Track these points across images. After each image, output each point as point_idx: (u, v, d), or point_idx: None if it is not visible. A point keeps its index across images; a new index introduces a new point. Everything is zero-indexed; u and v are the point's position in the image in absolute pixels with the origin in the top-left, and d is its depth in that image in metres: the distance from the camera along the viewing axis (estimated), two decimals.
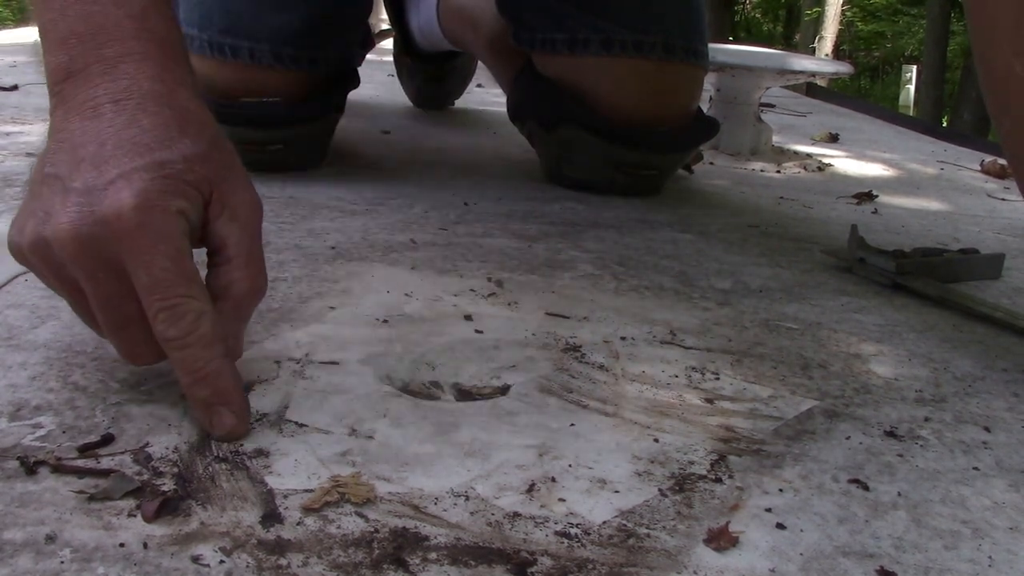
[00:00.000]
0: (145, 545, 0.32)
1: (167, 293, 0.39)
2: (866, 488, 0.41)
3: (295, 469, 0.38)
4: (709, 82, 1.14)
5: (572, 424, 0.44)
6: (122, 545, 0.32)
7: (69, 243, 0.39)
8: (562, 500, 0.37)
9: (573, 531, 0.35)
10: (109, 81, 0.42)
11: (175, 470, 0.37)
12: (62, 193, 0.40)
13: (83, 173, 0.40)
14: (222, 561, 0.32)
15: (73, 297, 0.42)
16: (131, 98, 0.42)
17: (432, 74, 1.36)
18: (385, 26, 1.53)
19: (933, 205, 1.09)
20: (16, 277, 0.57)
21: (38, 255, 0.41)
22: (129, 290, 0.40)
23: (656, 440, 0.43)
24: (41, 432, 0.39)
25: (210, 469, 0.38)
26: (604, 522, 0.36)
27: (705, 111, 1.02)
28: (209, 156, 0.43)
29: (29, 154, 0.91)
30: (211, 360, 0.40)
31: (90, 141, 0.41)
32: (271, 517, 0.35)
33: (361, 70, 0.98)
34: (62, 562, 0.31)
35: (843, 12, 10.26)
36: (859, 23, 12.00)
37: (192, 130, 0.43)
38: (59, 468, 0.37)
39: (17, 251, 0.42)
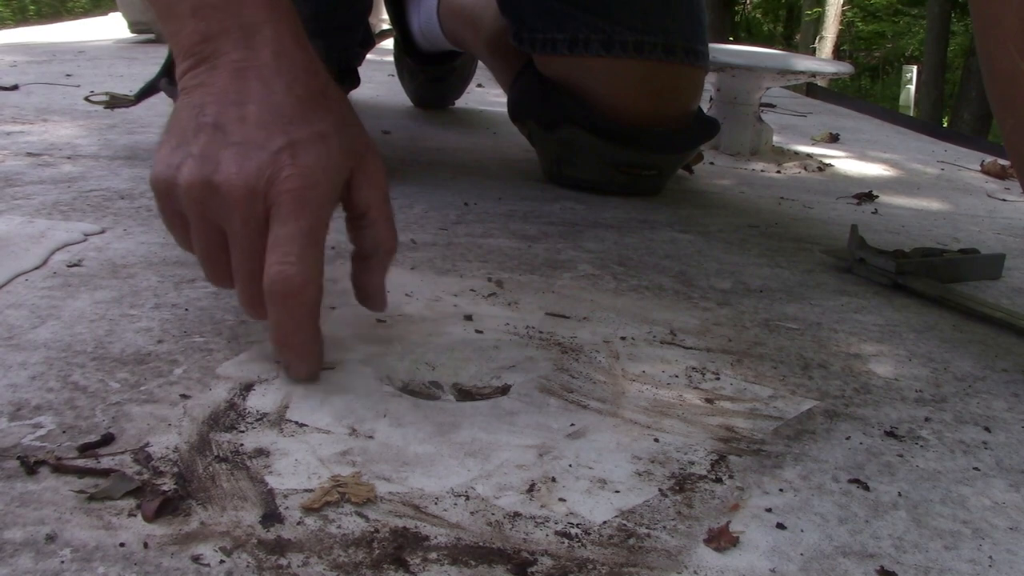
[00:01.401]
0: (145, 545, 0.32)
1: (296, 251, 0.44)
2: (866, 488, 0.41)
3: (295, 469, 0.38)
4: (709, 82, 1.14)
5: (572, 424, 0.44)
6: (122, 545, 0.32)
7: (239, 194, 0.44)
8: (562, 500, 0.37)
9: (573, 531, 0.35)
10: (256, 44, 0.47)
11: (175, 470, 0.37)
12: (228, 146, 0.44)
13: (248, 132, 0.45)
14: (222, 561, 0.32)
15: (205, 236, 0.46)
16: (282, 62, 0.47)
17: (432, 74, 1.36)
18: (385, 26, 1.53)
19: (933, 205, 1.09)
20: (16, 277, 0.57)
21: (193, 196, 0.45)
22: (264, 245, 0.44)
23: (656, 440, 0.43)
24: (41, 432, 0.39)
25: (210, 469, 0.38)
26: (604, 522, 0.36)
27: (705, 111, 1.02)
28: (351, 128, 0.48)
29: (29, 154, 0.91)
30: (305, 321, 0.45)
31: (250, 100, 0.45)
32: (271, 517, 0.35)
33: (361, 70, 0.98)
34: (62, 562, 0.31)
35: (843, 12, 10.25)
36: (859, 23, 12.00)
37: (336, 104, 0.48)
38: (59, 468, 0.37)
39: (167, 185, 0.46)
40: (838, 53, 10.06)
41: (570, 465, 0.40)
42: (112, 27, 2.62)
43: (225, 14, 0.47)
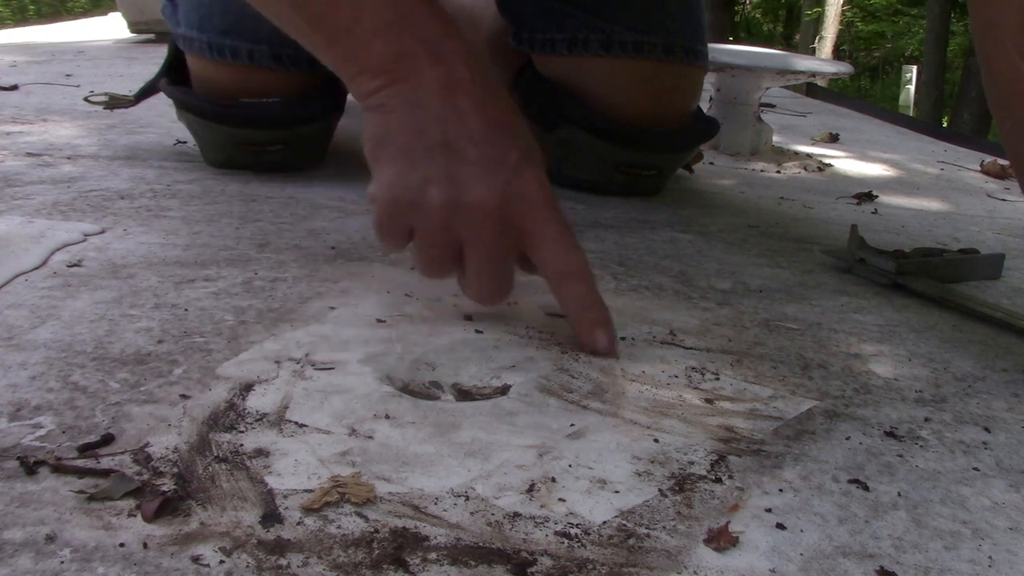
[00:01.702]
0: (145, 545, 0.32)
1: (570, 242, 0.51)
2: (866, 488, 0.41)
3: (295, 469, 0.38)
4: (709, 82, 1.14)
5: (572, 424, 0.44)
6: (122, 545, 0.32)
7: (494, 209, 0.49)
8: (562, 500, 0.37)
9: (573, 531, 0.35)
10: (448, 61, 0.50)
11: (175, 470, 0.37)
12: (465, 164, 0.49)
13: (484, 150, 0.49)
14: (222, 561, 0.32)
15: (443, 250, 0.51)
16: (479, 81, 0.51)
17: None
18: None
19: (933, 205, 1.09)
20: (16, 277, 0.57)
21: (443, 215, 0.49)
22: (515, 247, 0.51)
23: (656, 440, 0.43)
24: (41, 432, 0.39)
25: (210, 469, 0.38)
26: (604, 522, 0.36)
27: (705, 111, 1.02)
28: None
29: (29, 154, 0.91)
30: (595, 291, 0.52)
31: (467, 117, 0.50)
32: (271, 517, 0.35)
33: None
34: (62, 562, 0.31)
35: (843, 12, 10.25)
36: (859, 23, 12.00)
37: (521, 118, 0.53)
38: (59, 468, 0.37)
39: (409, 206, 0.50)
40: (838, 53, 10.06)
41: (570, 465, 0.40)
42: (112, 27, 2.62)
43: (411, 32, 0.50)
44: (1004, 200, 1.16)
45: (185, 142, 1.01)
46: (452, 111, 0.50)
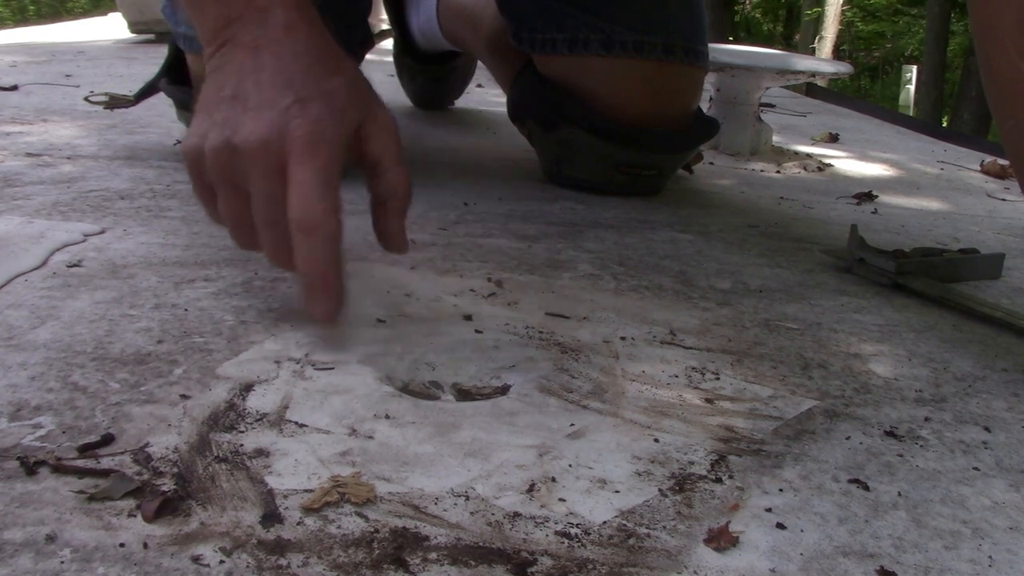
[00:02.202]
0: (145, 545, 0.32)
1: (318, 191, 0.48)
2: (866, 488, 0.41)
3: (295, 469, 0.38)
4: (709, 82, 1.14)
5: (572, 424, 0.44)
6: (122, 545, 0.32)
7: (257, 148, 0.48)
8: (562, 500, 0.37)
9: (573, 531, 0.35)
10: (268, 24, 0.51)
11: (175, 470, 0.37)
12: (244, 111, 0.49)
13: (263, 95, 0.49)
14: (222, 561, 0.32)
15: (230, 199, 0.50)
16: (292, 36, 0.51)
17: (432, 74, 1.36)
18: (385, 26, 1.53)
19: (933, 205, 1.09)
20: (16, 277, 0.57)
21: (217, 158, 0.49)
22: (284, 194, 0.48)
23: (656, 440, 0.43)
24: (41, 432, 0.39)
25: (210, 469, 0.38)
26: (604, 522, 0.36)
27: (705, 111, 1.02)
28: (358, 85, 0.53)
29: (29, 154, 0.91)
30: (329, 248, 0.48)
31: (263, 69, 0.50)
32: (271, 517, 0.35)
33: (361, 70, 0.97)
34: (62, 562, 0.31)
35: (843, 12, 10.25)
36: (859, 23, 12.00)
37: (343, 64, 0.53)
38: (59, 468, 0.37)
39: (195, 154, 0.50)
40: (838, 53, 10.06)
41: (570, 465, 0.40)
42: (112, 27, 2.62)
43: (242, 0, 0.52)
44: (1004, 200, 1.16)
45: None
46: (250, 67, 0.50)
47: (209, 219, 0.54)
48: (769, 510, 0.38)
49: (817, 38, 9.62)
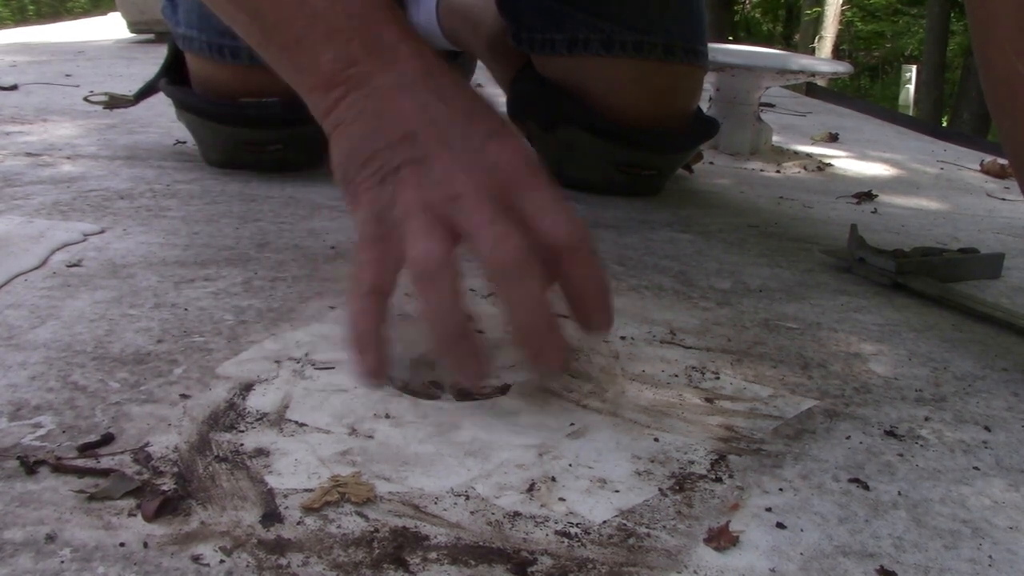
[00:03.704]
0: (145, 545, 0.32)
1: (558, 203, 0.44)
2: (866, 488, 0.41)
3: (295, 469, 0.38)
4: (709, 82, 1.14)
5: (572, 424, 0.44)
6: (122, 545, 0.32)
7: (475, 194, 0.43)
8: (562, 500, 0.37)
9: (573, 530, 0.35)
10: (403, 67, 0.47)
11: (175, 470, 0.37)
12: (434, 159, 0.44)
13: (453, 139, 0.45)
14: (222, 561, 0.32)
15: (444, 243, 0.44)
16: (439, 78, 0.47)
17: None
18: None
19: (933, 205, 1.09)
20: (16, 277, 0.57)
21: (430, 210, 0.44)
22: (520, 219, 0.43)
23: (656, 440, 0.43)
24: (41, 432, 0.39)
25: (210, 469, 0.38)
26: (604, 521, 0.36)
27: (705, 111, 1.02)
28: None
29: (29, 154, 0.91)
30: (599, 268, 0.45)
31: (432, 109, 0.45)
32: (271, 517, 0.35)
33: None
34: (62, 562, 0.31)
35: (843, 12, 10.25)
36: (859, 23, 12.00)
37: (490, 105, 0.49)
38: (59, 468, 0.37)
39: (413, 215, 0.44)
40: (837, 53, 10.06)
41: (570, 465, 0.40)
42: (112, 27, 2.62)
43: (361, 38, 0.47)
44: (1004, 200, 1.16)
45: (185, 142, 1.01)
46: (410, 106, 0.46)
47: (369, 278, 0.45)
48: (769, 510, 0.38)
49: (817, 38, 9.62)
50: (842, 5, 9.88)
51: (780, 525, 0.37)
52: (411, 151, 0.45)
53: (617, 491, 0.38)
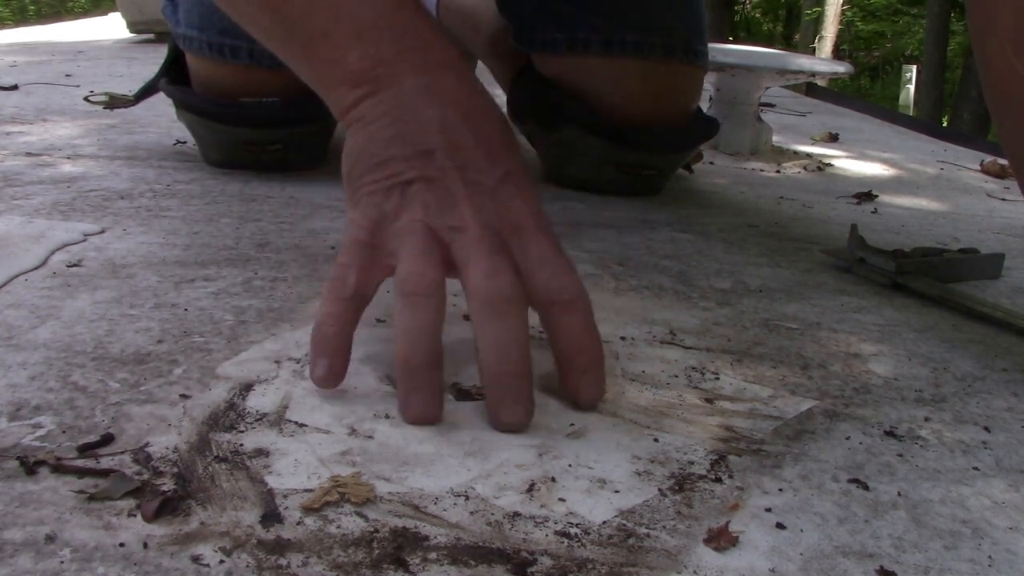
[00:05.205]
0: (145, 545, 0.32)
1: (562, 257, 0.45)
2: (866, 488, 0.41)
3: (295, 469, 0.38)
4: (709, 82, 1.14)
5: (572, 424, 0.44)
6: (122, 545, 0.32)
7: (479, 230, 0.44)
8: (562, 500, 0.37)
9: (573, 531, 0.35)
10: (432, 69, 0.46)
11: (175, 470, 0.37)
12: (450, 181, 0.45)
13: (469, 170, 0.45)
14: (222, 561, 0.32)
15: (437, 269, 0.44)
16: (468, 93, 0.47)
17: None
18: None
19: (933, 205, 1.09)
20: (16, 277, 0.57)
21: (430, 234, 0.44)
22: (516, 279, 0.44)
23: (656, 440, 0.43)
24: (41, 432, 0.39)
25: (210, 469, 0.38)
26: (604, 522, 0.36)
27: (705, 111, 1.02)
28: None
29: (29, 154, 0.91)
30: (594, 328, 0.45)
31: (456, 131, 0.45)
32: (271, 517, 0.35)
33: None
34: (62, 562, 0.31)
35: (843, 12, 10.26)
36: (859, 23, 12.00)
37: (511, 130, 0.49)
38: (59, 468, 0.37)
39: (413, 233, 0.44)
40: (838, 53, 10.06)
41: (570, 465, 0.40)
42: (112, 27, 2.62)
43: (392, 38, 0.46)
44: (1004, 200, 1.16)
45: (185, 142, 1.01)
46: (436, 121, 0.45)
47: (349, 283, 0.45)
48: (769, 510, 0.38)
49: (817, 38, 9.62)
50: (842, 5, 9.88)
51: (780, 525, 0.37)
52: (426, 169, 0.45)
53: (617, 491, 0.38)
